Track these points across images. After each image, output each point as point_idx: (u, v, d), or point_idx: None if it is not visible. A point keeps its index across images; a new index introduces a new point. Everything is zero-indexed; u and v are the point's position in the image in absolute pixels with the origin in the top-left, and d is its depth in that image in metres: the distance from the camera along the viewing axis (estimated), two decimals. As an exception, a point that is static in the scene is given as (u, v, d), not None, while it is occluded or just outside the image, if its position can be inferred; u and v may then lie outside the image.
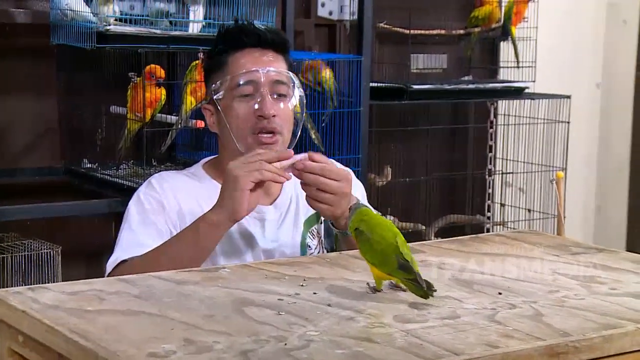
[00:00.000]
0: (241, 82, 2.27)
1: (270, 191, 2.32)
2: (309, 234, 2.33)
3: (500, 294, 1.76)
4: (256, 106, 2.25)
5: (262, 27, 2.37)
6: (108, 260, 2.21)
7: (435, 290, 1.70)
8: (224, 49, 2.33)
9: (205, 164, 2.40)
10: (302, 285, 1.80)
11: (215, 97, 2.31)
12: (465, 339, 1.49)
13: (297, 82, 2.33)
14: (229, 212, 2.08)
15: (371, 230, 1.77)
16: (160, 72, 3.09)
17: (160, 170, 3.26)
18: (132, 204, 2.29)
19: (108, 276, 2.13)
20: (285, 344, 1.45)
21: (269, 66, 2.28)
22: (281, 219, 2.31)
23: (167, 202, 2.26)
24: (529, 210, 4.41)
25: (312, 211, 2.31)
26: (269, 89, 2.27)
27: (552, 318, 1.61)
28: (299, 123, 2.35)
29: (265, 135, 2.25)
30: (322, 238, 2.36)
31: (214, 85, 2.32)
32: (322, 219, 2.33)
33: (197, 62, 3.12)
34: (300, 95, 2.33)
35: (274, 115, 2.25)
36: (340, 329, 1.53)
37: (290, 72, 2.33)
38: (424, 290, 1.69)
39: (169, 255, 2.09)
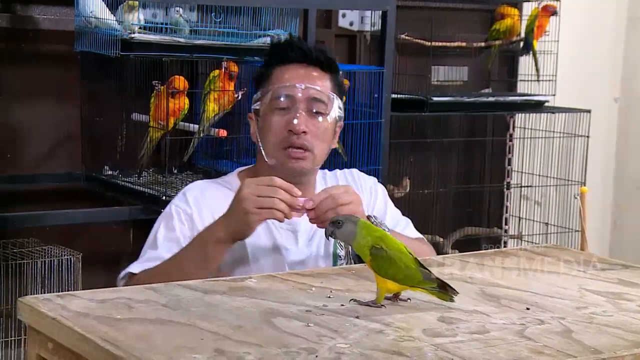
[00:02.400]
0: (279, 96, 2.28)
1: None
2: (338, 244, 2.33)
3: (528, 309, 1.76)
4: (291, 121, 2.26)
5: (311, 44, 2.38)
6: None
7: (457, 293, 1.75)
8: (271, 62, 2.35)
9: (240, 174, 2.39)
10: (329, 297, 1.80)
11: (253, 107, 2.32)
12: (495, 354, 1.49)
13: (337, 102, 2.33)
14: (236, 234, 2.10)
15: (389, 246, 1.77)
16: (184, 84, 3.10)
17: (183, 179, 3.29)
18: (162, 217, 2.29)
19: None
20: (316, 356, 1.45)
21: (311, 83, 2.28)
22: (313, 230, 2.30)
23: (199, 217, 2.25)
24: (546, 224, 4.40)
25: None
26: (305, 105, 2.27)
27: (582, 335, 1.60)
28: (332, 143, 2.35)
29: (294, 150, 2.26)
30: (350, 248, 2.36)
31: (255, 96, 2.34)
32: None
33: (218, 70, 3.13)
34: (338, 116, 2.33)
35: (304, 132, 2.25)
36: (370, 342, 1.53)
37: (331, 92, 2.31)
38: (452, 295, 1.75)
39: (178, 269, 2.08)
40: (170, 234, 2.23)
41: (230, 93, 3.12)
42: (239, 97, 3.15)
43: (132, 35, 3.02)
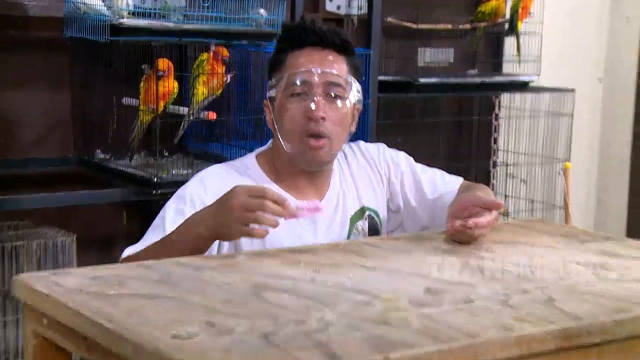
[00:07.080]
0: (294, 82, 2.20)
1: (319, 189, 2.29)
2: (354, 229, 2.31)
3: (512, 280, 1.79)
4: (308, 107, 2.18)
5: (324, 26, 2.28)
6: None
7: None
8: (284, 47, 2.27)
9: (259, 157, 2.32)
10: (317, 271, 1.82)
11: (268, 94, 2.25)
12: (479, 322, 1.52)
13: (356, 85, 2.26)
14: (218, 237, 2.00)
15: None
16: (169, 65, 3.12)
17: (174, 161, 3.32)
18: (174, 199, 2.20)
19: None
20: (305, 327, 1.49)
21: (327, 67, 2.21)
22: (330, 217, 2.27)
23: None
24: (532, 201, 4.45)
25: (357, 207, 2.32)
26: (322, 90, 2.20)
27: (565, 303, 1.63)
28: (350, 128, 2.27)
29: (312, 138, 2.19)
30: (367, 234, 2.34)
31: (269, 82, 2.26)
32: (366, 215, 2.33)
33: (207, 54, 3.17)
34: (357, 100, 2.26)
35: (322, 118, 2.18)
36: (358, 313, 1.56)
37: (349, 75, 2.24)
38: None
39: (165, 254, 1.98)
40: (179, 219, 2.12)
41: (219, 76, 3.15)
42: (228, 81, 3.18)
43: (121, 21, 3.05)
